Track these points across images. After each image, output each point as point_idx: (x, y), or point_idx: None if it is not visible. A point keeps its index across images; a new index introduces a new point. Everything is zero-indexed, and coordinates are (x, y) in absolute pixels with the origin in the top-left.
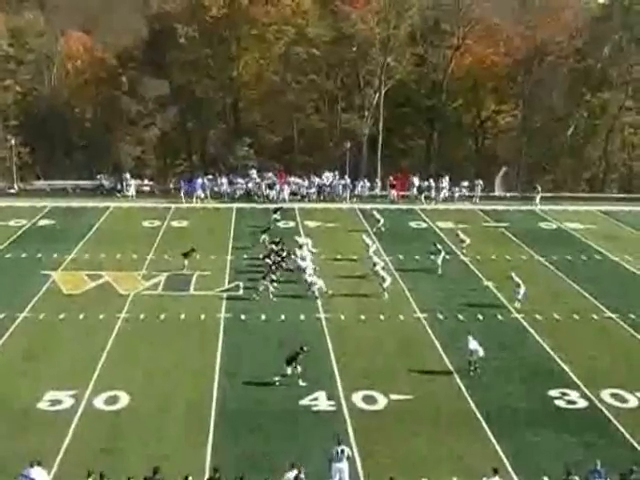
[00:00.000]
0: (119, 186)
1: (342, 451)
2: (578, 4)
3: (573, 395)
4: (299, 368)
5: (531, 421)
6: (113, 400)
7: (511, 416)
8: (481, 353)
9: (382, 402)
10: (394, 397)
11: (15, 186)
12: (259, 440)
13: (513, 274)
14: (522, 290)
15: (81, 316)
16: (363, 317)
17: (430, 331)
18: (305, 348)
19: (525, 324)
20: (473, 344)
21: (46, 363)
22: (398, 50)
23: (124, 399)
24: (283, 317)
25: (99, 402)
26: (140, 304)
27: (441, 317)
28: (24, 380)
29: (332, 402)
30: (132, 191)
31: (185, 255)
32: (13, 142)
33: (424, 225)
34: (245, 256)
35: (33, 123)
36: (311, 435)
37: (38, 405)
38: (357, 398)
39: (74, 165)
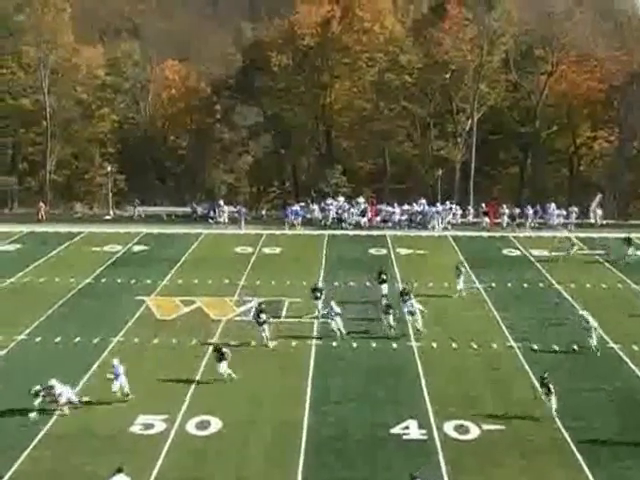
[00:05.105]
0: (212, 213)
1: None
2: None
3: None
4: None
5: (626, 453)
6: (205, 425)
7: (605, 448)
8: None
9: (474, 432)
10: (486, 427)
11: (110, 212)
12: (348, 468)
13: None
14: None
15: (173, 341)
16: (455, 345)
17: (523, 360)
18: None
19: (621, 354)
20: None
21: (139, 387)
22: (491, 76)
23: (216, 424)
24: (374, 345)
25: (191, 427)
26: (232, 330)
27: (535, 346)
28: (117, 403)
29: (423, 431)
30: (225, 218)
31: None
32: (109, 169)
33: (517, 253)
34: (336, 283)
35: (128, 151)
36: (401, 464)
37: (130, 429)
38: (449, 427)
39: (168, 192)
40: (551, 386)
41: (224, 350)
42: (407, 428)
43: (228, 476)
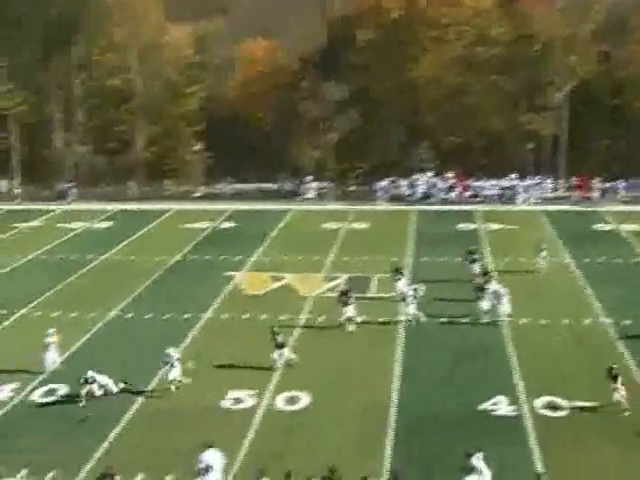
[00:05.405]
0: (299, 189)
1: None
2: None
3: None
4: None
5: None
6: (294, 400)
7: None
8: None
9: (565, 408)
10: (578, 404)
11: (199, 189)
12: (436, 445)
13: None
14: None
15: (263, 317)
16: (544, 321)
17: (614, 337)
18: None
19: None
20: None
21: (228, 362)
22: (582, 48)
23: (305, 399)
24: (463, 322)
25: (280, 402)
26: (320, 306)
27: (627, 322)
28: (208, 379)
29: (513, 407)
30: (312, 193)
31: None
32: (198, 147)
33: (608, 227)
34: (424, 259)
35: (215, 128)
36: (491, 440)
37: (221, 403)
38: (539, 404)
39: (255, 168)
40: (619, 377)
41: (280, 338)
42: (497, 404)
43: (317, 451)
